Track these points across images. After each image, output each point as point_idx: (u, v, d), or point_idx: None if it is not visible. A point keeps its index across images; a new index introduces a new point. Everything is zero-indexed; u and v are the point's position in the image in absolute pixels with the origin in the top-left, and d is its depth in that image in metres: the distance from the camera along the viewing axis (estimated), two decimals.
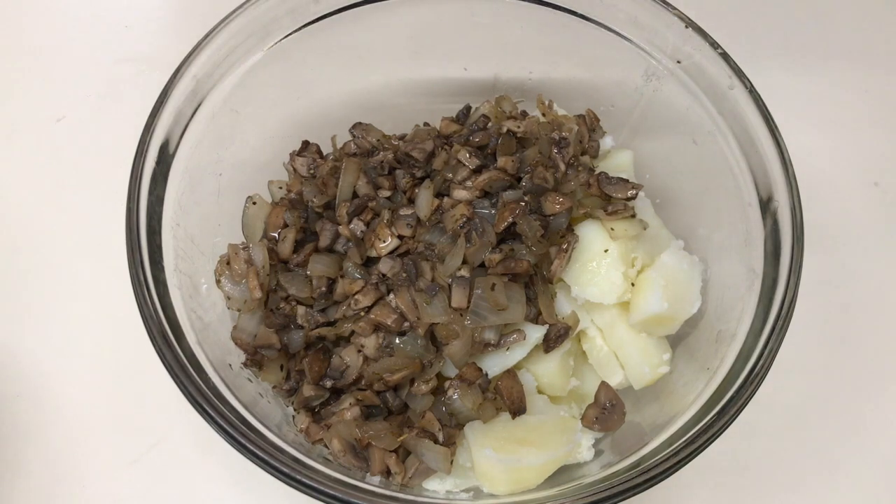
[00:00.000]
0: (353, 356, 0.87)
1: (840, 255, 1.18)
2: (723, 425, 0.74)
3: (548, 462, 0.83)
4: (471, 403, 0.84)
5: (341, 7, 0.99)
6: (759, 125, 0.88)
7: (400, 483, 0.83)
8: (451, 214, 0.90)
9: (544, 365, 0.91)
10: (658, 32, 0.96)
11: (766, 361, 0.77)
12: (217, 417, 0.73)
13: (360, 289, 0.87)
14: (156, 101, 0.86)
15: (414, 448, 0.84)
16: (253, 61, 0.97)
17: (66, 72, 1.30)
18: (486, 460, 0.82)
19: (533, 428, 0.85)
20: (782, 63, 1.35)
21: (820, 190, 1.18)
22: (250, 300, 0.88)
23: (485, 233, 0.88)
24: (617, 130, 1.09)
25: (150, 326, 0.77)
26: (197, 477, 1.01)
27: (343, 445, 0.83)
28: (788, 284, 0.81)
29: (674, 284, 0.92)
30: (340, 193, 0.94)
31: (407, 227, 0.91)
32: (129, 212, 0.81)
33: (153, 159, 0.85)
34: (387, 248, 0.90)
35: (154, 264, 0.81)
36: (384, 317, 0.85)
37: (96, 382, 1.06)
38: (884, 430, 1.08)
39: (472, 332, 0.85)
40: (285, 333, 0.89)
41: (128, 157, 0.83)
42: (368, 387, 0.87)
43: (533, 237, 0.89)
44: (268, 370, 0.90)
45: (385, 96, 1.10)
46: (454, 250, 0.87)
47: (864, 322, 1.15)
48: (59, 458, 1.02)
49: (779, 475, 1.04)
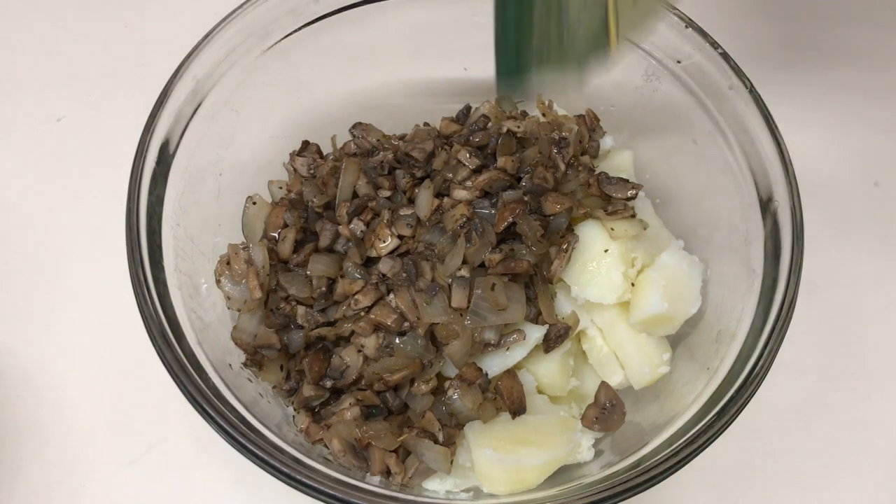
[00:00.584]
0: (353, 356, 0.87)
1: (840, 255, 1.18)
2: (723, 425, 0.74)
3: (548, 462, 0.83)
4: (471, 403, 0.84)
5: (341, 7, 0.99)
6: (759, 125, 0.88)
7: (400, 483, 0.83)
8: (451, 214, 0.89)
9: (544, 365, 0.91)
10: (658, 32, 0.96)
11: (766, 361, 0.77)
12: (217, 417, 0.73)
13: (360, 289, 0.87)
14: (156, 101, 0.87)
15: (414, 448, 0.84)
16: (253, 61, 0.97)
17: (66, 72, 1.30)
18: (486, 460, 0.82)
19: (533, 428, 0.85)
20: (782, 63, 1.35)
21: (820, 190, 1.17)
22: (250, 300, 0.88)
23: (485, 233, 0.88)
24: (617, 130, 1.09)
25: (150, 326, 0.77)
26: (197, 477, 1.01)
27: (343, 445, 0.83)
28: (788, 284, 0.81)
29: (674, 284, 0.92)
30: (340, 193, 0.94)
31: (407, 227, 0.90)
32: (129, 212, 0.81)
33: (153, 159, 0.85)
34: (387, 248, 0.90)
35: (154, 264, 0.81)
36: (384, 317, 0.85)
37: (96, 382, 1.06)
38: (884, 430, 1.08)
39: (472, 332, 0.85)
40: (285, 333, 0.89)
41: (128, 157, 0.83)
42: (368, 387, 0.87)
43: (533, 237, 0.89)
44: (268, 370, 0.90)
45: (385, 96, 1.10)
46: (454, 250, 0.87)
47: (864, 322, 1.15)
48: (59, 458, 1.02)
49: (779, 475, 1.04)
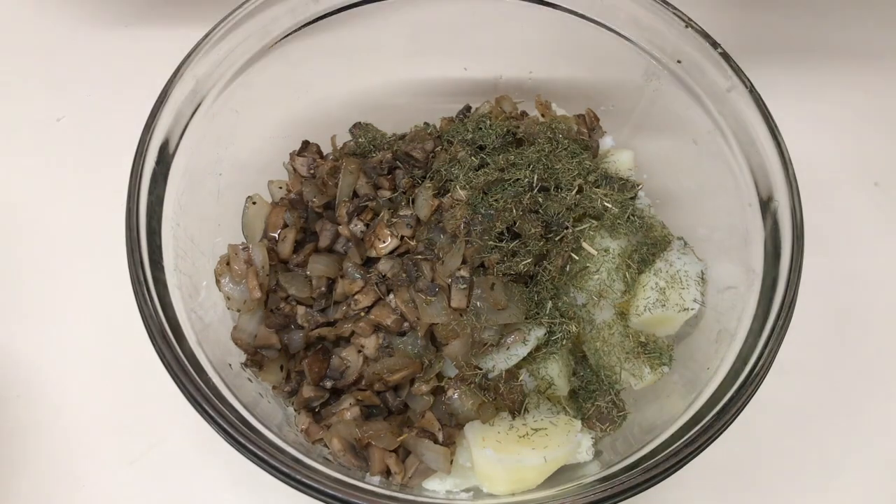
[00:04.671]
0: (354, 356, 0.87)
1: (840, 255, 1.18)
2: (723, 425, 0.74)
3: (548, 462, 0.83)
4: (471, 403, 0.84)
5: (341, 7, 0.99)
6: (759, 125, 0.88)
7: (400, 483, 0.83)
8: (451, 214, 0.89)
9: (544, 365, 0.91)
10: (658, 32, 0.96)
11: (766, 361, 0.77)
12: (217, 417, 0.73)
13: (360, 289, 0.87)
14: (156, 101, 0.86)
15: (414, 448, 0.84)
16: (253, 61, 0.97)
17: (66, 72, 1.30)
18: (486, 460, 0.82)
19: (533, 428, 0.85)
20: (782, 63, 1.35)
21: (820, 190, 1.17)
22: (250, 300, 0.88)
23: (484, 233, 0.88)
24: (617, 130, 1.09)
25: (150, 326, 0.77)
26: (196, 477, 1.01)
27: (343, 445, 0.83)
28: (788, 284, 0.81)
29: (673, 284, 0.93)
30: (340, 193, 0.94)
31: (406, 227, 0.90)
32: (129, 212, 0.81)
33: (153, 159, 0.85)
34: (386, 249, 0.90)
35: (154, 264, 0.81)
36: (384, 317, 0.85)
37: (96, 383, 1.06)
38: (884, 430, 1.08)
39: (472, 332, 0.85)
40: (285, 333, 0.89)
41: (128, 157, 0.83)
42: (369, 387, 0.87)
43: (533, 237, 0.89)
44: (268, 370, 0.90)
45: (385, 96, 1.10)
46: (454, 250, 0.87)
47: (863, 322, 1.15)
48: (59, 458, 1.02)
49: (779, 475, 1.04)
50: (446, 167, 0.95)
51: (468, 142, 0.98)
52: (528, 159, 0.95)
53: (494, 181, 0.92)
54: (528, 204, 0.90)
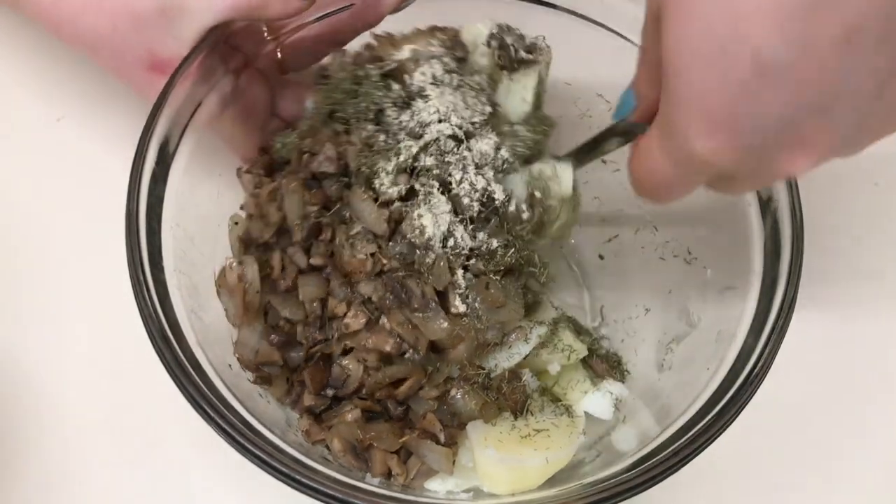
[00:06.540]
0: (354, 365, 0.85)
1: (840, 255, 1.18)
2: (723, 425, 0.74)
3: (550, 463, 0.83)
4: (474, 403, 0.84)
5: (341, 7, 0.99)
6: None
7: (402, 484, 0.83)
8: (410, 225, 0.78)
9: (559, 337, 0.91)
10: None
11: (766, 361, 0.77)
12: (217, 418, 0.73)
13: (348, 310, 0.83)
14: (156, 101, 0.86)
15: (416, 449, 0.83)
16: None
17: (66, 72, 1.30)
18: (488, 461, 0.82)
19: (536, 428, 0.85)
20: None
21: (820, 190, 1.17)
22: (241, 318, 0.87)
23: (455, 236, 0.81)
24: None
25: (149, 327, 0.76)
26: (196, 477, 1.01)
27: (344, 445, 0.82)
28: (788, 284, 0.81)
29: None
30: (290, 217, 0.85)
31: (368, 242, 0.80)
32: (129, 212, 0.81)
33: (153, 159, 0.85)
34: (365, 272, 0.81)
35: (154, 265, 0.81)
36: (381, 343, 0.81)
37: (95, 383, 1.06)
38: (884, 430, 1.08)
39: (475, 334, 0.84)
40: (286, 350, 0.87)
41: (128, 157, 0.83)
42: (370, 396, 0.86)
43: (513, 220, 0.83)
44: (276, 385, 0.89)
45: None
46: (436, 267, 0.80)
47: (863, 322, 1.15)
48: (58, 458, 1.02)
49: (779, 475, 1.04)
50: (366, 164, 0.82)
51: (362, 111, 0.85)
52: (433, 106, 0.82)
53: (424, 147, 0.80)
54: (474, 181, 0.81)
